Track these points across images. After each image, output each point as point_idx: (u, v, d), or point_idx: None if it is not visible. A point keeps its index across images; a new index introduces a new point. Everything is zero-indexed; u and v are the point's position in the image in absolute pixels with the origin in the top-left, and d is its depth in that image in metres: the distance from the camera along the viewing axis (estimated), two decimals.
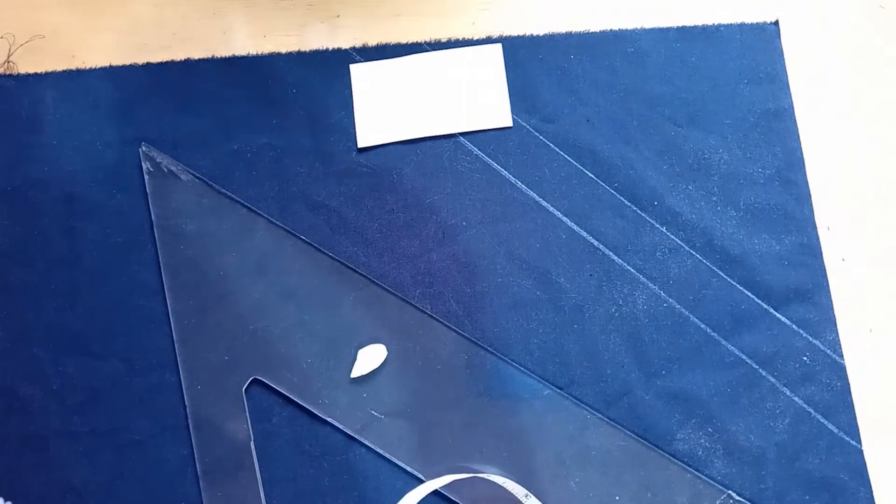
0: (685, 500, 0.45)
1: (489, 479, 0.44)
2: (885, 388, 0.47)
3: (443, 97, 0.50)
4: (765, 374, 0.47)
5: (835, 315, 0.47)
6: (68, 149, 0.49)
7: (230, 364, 0.46)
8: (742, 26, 0.51)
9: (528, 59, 0.51)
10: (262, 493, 0.45)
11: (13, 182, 0.48)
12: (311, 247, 0.48)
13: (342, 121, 0.50)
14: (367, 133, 0.49)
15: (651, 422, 0.46)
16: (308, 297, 0.47)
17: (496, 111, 0.50)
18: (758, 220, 0.49)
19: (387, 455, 0.45)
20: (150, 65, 0.50)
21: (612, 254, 0.48)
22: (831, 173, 0.50)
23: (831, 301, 0.48)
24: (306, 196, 0.49)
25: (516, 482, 0.44)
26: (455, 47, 0.51)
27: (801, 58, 0.51)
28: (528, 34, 0.51)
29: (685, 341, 0.47)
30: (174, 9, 0.51)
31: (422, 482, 0.45)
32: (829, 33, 0.52)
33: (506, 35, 0.51)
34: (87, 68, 0.50)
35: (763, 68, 0.51)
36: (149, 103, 0.49)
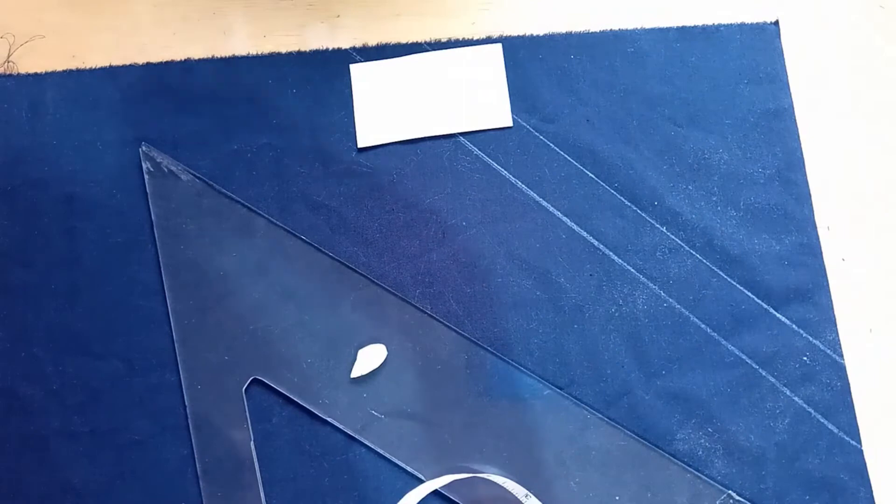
0: (685, 500, 0.45)
1: (489, 479, 0.44)
2: (885, 388, 0.47)
3: (443, 97, 0.50)
4: (765, 374, 0.47)
5: (835, 315, 0.47)
6: (68, 149, 0.49)
7: (230, 364, 0.46)
8: (742, 26, 0.51)
9: (528, 59, 0.51)
10: (262, 493, 0.45)
11: (13, 182, 0.48)
12: (311, 247, 0.48)
13: (342, 121, 0.50)
14: (367, 133, 0.49)
15: (651, 422, 0.46)
16: (308, 297, 0.47)
17: (496, 111, 0.50)
18: (758, 220, 0.49)
19: (387, 455, 0.45)
20: (150, 65, 0.50)
21: (612, 254, 0.48)
22: (831, 173, 0.50)
23: (831, 301, 0.48)
24: (306, 196, 0.49)
25: (516, 482, 0.44)
26: (455, 47, 0.51)
27: (801, 58, 0.51)
28: (528, 34, 0.51)
29: (685, 341, 0.47)
30: (174, 9, 0.51)
31: (422, 482, 0.45)
32: (829, 33, 0.52)
33: (506, 35, 0.51)
34: (87, 68, 0.50)
35: (763, 68, 0.51)
36: (149, 103, 0.49)
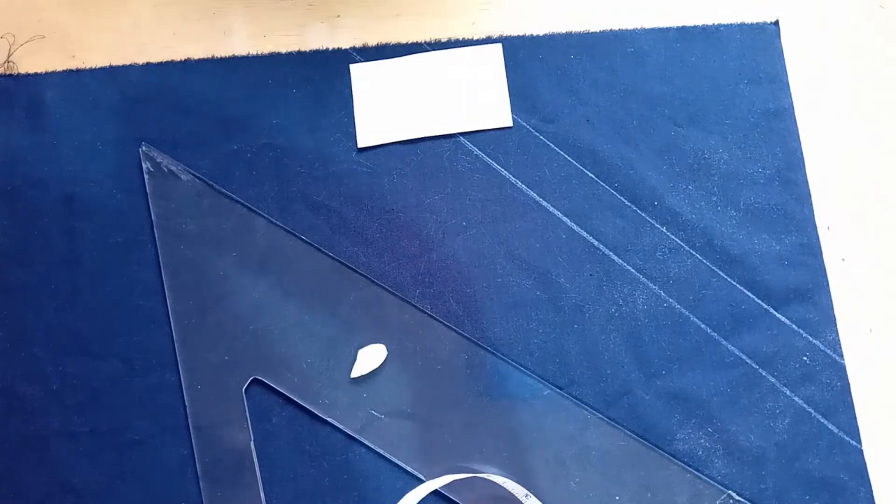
0: (685, 500, 0.45)
1: (489, 479, 0.44)
2: (885, 388, 0.47)
3: (443, 97, 0.50)
4: (765, 374, 0.47)
5: (835, 315, 0.47)
6: (68, 149, 0.49)
7: (230, 364, 0.46)
8: (742, 26, 0.51)
9: (528, 59, 0.51)
10: (262, 493, 0.45)
11: (13, 182, 0.48)
12: (311, 247, 0.48)
13: (342, 121, 0.50)
14: (367, 133, 0.49)
15: (651, 422, 0.46)
16: (308, 297, 0.47)
17: (496, 111, 0.50)
18: (758, 220, 0.49)
19: (387, 455, 0.45)
20: (150, 65, 0.50)
21: (612, 254, 0.48)
22: (831, 173, 0.50)
23: (831, 301, 0.48)
24: (306, 196, 0.49)
25: (516, 482, 0.44)
26: (455, 47, 0.51)
27: (801, 58, 0.51)
28: (528, 34, 0.51)
29: (685, 341, 0.47)
30: (174, 9, 0.51)
31: (422, 482, 0.45)
32: (829, 33, 0.52)
33: (506, 35, 0.51)
34: (87, 68, 0.50)
35: (763, 68, 0.51)
36: (149, 103, 0.49)
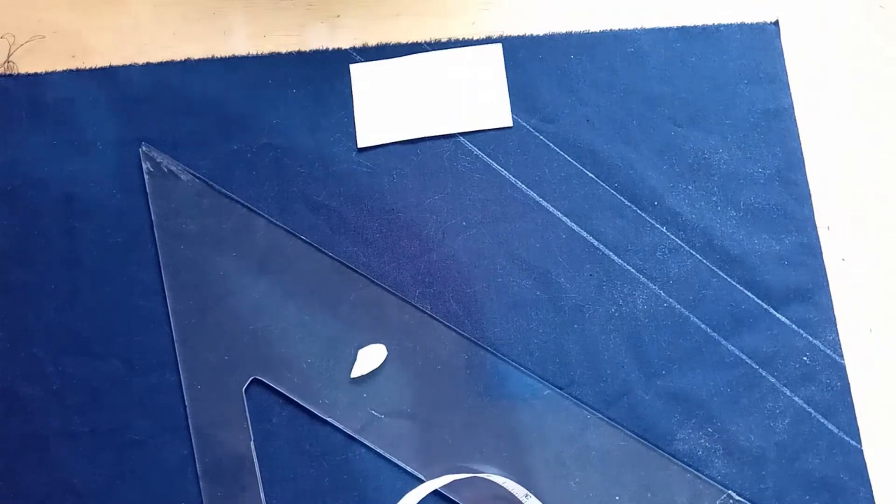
0: (685, 500, 0.45)
1: (489, 479, 0.44)
2: (885, 388, 0.47)
3: (443, 97, 0.50)
4: (765, 374, 0.47)
5: (835, 315, 0.47)
6: (68, 149, 0.49)
7: (230, 364, 0.46)
8: (742, 26, 0.51)
9: (528, 59, 0.51)
10: (262, 493, 0.45)
11: (13, 182, 0.48)
12: (311, 247, 0.48)
13: (342, 121, 0.50)
14: (367, 133, 0.49)
15: (651, 422, 0.46)
16: (308, 297, 0.47)
17: (496, 111, 0.50)
18: (758, 220, 0.49)
19: (387, 455, 0.45)
20: (150, 65, 0.50)
21: (612, 254, 0.48)
22: (831, 173, 0.50)
23: (831, 301, 0.48)
24: (306, 196, 0.48)
25: (516, 482, 0.44)
26: (455, 47, 0.51)
27: (801, 58, 0.51)
28: (528, 34, 0.51)
29: (685, 341, 0.47)
30: (174, 9, 0.51)
31: (422, 482, 0.45)
32: (829, 33, 0.52)
33: (506, 35, 0.51)
34: (87, 68, 0.50)
35: (763, 68, 0.51)
36: (149, 103, 0.49)
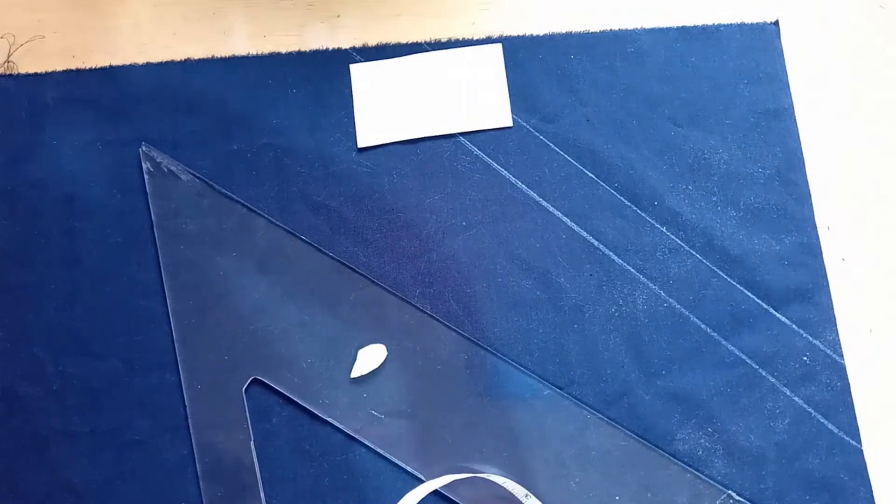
0: (685, 500, 0.45)
1: (489, 479, 0.44)
2: (885, 388, 0.47)
3: (443, 97, 0.50)
4: (765, 374, 0.47)
5: (835, 315, 0.47)
6: (68, 149, 0.49)
7: (230, 364, 0.46)
8: (742, 26, 0.51)
9: (528, 59, 0.51)
10: (262, 493, 0.45)
11: (13, 182, 0.48)
12: (311, 247, 0.48)
13: (342, 121, 0.50)
14: (367, 133, 0.49)
15: (651, 422, 0.46)
16: (308, 297, 0.47)
17: (496, 111, 0.50)
18: (758, 220, 0.49)
19: (387, 455, 0.45)
20: (150, 65, 0.50)
21: (612, 254, 0.48)
22: (831, 173, 0.50)
23: (831, 301, 0.48)
24: (306, 196, 0.49)
25: (516, 482, 0.44)
26: (455, 47, 0.51)
27: (801, 58, 0.51)
28: (528, 34, 0.51)
29: (685, 341, 0.47)
30: (174, 9, 0.51)
31: (422, 482, 0.45)
32: (829, 33, 0.52)
33: (506, 35, 0.51)
34: (87, 68, 0.50)
35: (763, 68, 0.51)
36: (149, 103, 0.49)
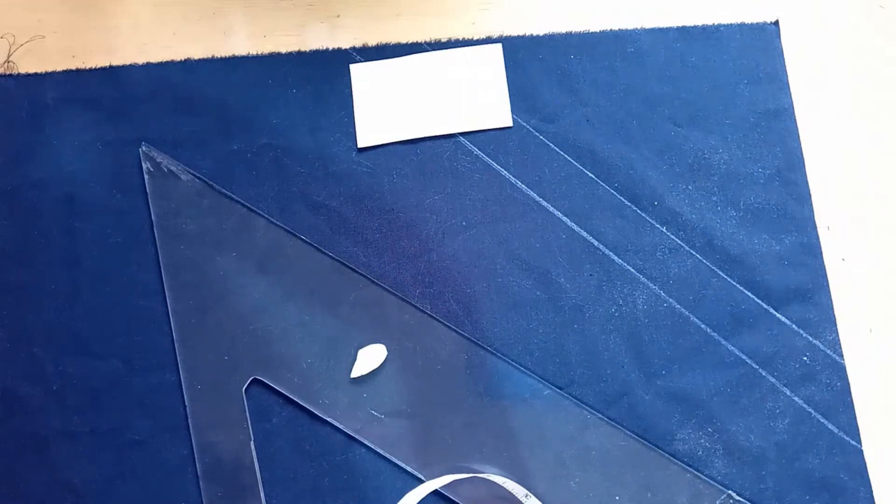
0: (685, 500, 0.45)
1: (489, 479, 0.44)
2: (885, 388, 0.47)
3: (443, 97, 0.50)
4: (765, 374, 0.47)
5: (835, 315, 0.47)
6: (68, 149, 0.49)
7: (230, 364, 0.46)
8: (742, 26, 0.51)
9: (528, 59, 0.51)
10: (262, 493, 0.45)
11: (13, 182, 0.48)
12: (311, 247, 0.48)
13: (342, 121, 0.50)
14: (367, 133, 0.49)
15: (651, 422, 0.46)
16: (308, 297, 0.47)
17: (496, 111, 0.50)
18: (758, 220, 0.49)
19: (387, 455, 0.45)
20: (150, 65, 0.50)
21: (612, 254, 0.48)
22: (831, 173, 0.50)
23: (831, 301, 0.48)
24: (306, 196, 0.49)
25: (516, 482, 0.44)
26: (455, 47, 0.51)
27: (801, 58, 0.51)
28: (528, 34, 0.51)
29: (685, 341, 0.47)
30: (174, 9, 0.51)
31: (422, 482, 0.45)
32: (829, 33, 0.52)
33: (506, 35, 0.51)
34: (87, 68, 0.50)
35: (763, 68, 0.51)
36: (149, 103, 0.49)
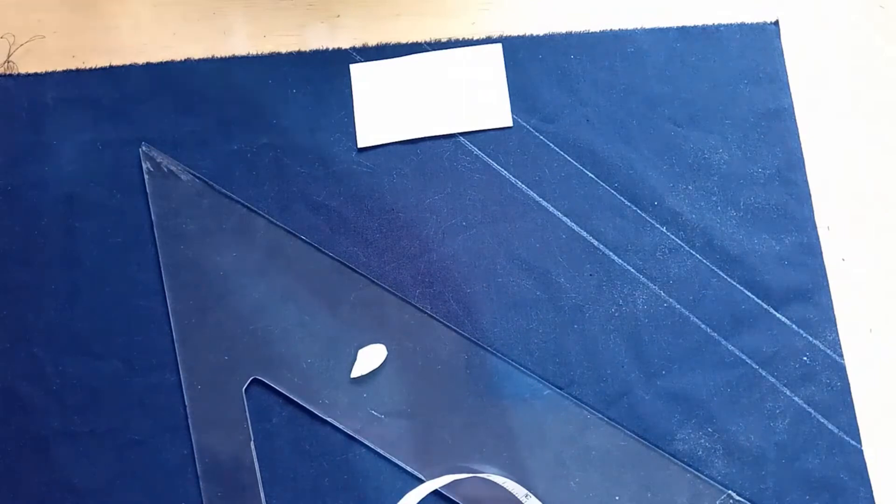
0: (685, 500, 0.45)
1: (489, 479, 0.44)
2: (885, 388, 0.47)
3: (443, 97, 0.50)
4: (765, 374, 0.47)
5: (835, 315, 0.47)
6: (68, 149, 0.49)
7: (230, 364, 0.46)
8: (742, 26, 0.51)
9: (528, 59, 0.51)
10: (262, 493, 0.45)
11: (13, 182, 0.48)
12: (311, 247, 0.48)
13: (342, 121, 0.50)
14: (367, 133, 0.49)
15: (651, 422, 0.46)
16: (308, 297, 0.47)
17: (496, 111, 0.50)
18: (758, 220, 0.49)
19: (387, 455, 0.45)
20: (150, 65, 0.50)
21: (612, 254, 0.48)
22: (831, 173, 0.50)
23: (831, 301, 0.48)
24: (306, 196, 0.49)
25: (516, 482, 0.44)
26: (455, 47, 0.51)
27: (801, 58, 0.51)
28: (528, 34, 0.51)
29: (685, 341, 0.47)
30: (174, 9, 0.51)
31: (422, 482, 0.45)
32: (829, 33, 0.52)
33: (506, 35, 0.51)
34: (87, 68, 0.50)
35: (763, 68, 0.51)
36: (149, 103, 0.49)
